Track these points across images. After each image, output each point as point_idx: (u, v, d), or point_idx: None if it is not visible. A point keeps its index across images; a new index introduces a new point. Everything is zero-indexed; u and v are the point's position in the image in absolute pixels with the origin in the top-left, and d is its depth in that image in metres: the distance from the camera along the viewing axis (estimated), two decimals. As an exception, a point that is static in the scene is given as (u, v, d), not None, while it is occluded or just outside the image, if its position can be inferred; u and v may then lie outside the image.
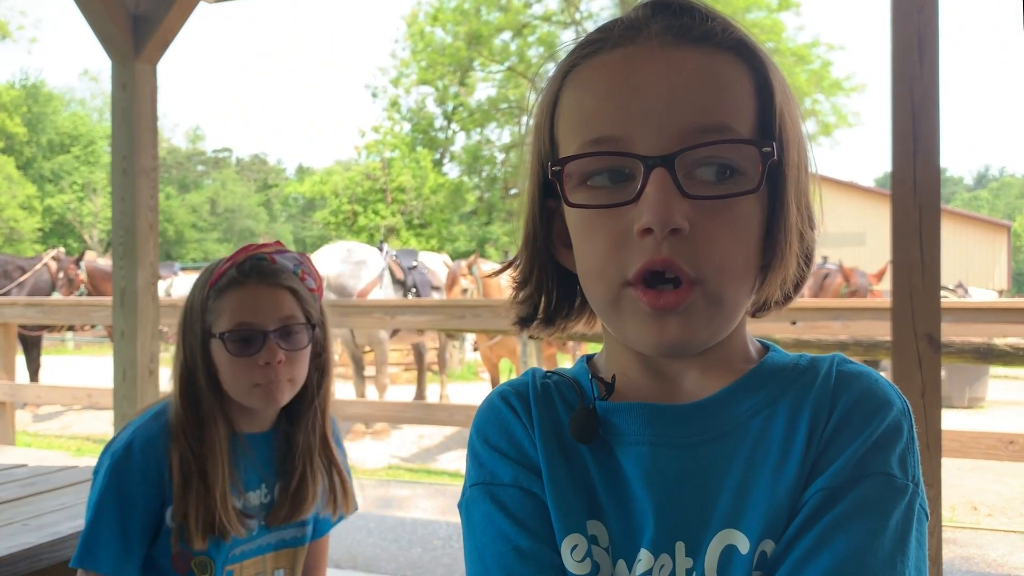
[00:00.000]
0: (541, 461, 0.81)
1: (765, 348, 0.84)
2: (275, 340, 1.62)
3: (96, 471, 1.64)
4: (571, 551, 0.76)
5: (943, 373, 2.77)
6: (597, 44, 0.76)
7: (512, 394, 0.86)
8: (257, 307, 1.62)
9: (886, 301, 4.07)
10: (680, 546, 0.74)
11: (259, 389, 1.62)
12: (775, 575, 0.70)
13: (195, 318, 1.65)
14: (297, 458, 1.73)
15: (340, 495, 1.81)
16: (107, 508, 1.57)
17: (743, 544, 0.72)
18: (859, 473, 0.71)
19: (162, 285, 8.69)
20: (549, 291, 0.85)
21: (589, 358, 0.89)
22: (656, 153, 0.70)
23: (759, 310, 0.83)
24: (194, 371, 1.64)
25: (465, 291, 8.78)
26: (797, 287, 0.80)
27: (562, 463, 0.80)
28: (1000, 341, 4.99)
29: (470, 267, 9.01)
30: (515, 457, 0.82)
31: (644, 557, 0.74)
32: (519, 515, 0.79)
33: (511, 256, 0.87)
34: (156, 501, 1.60)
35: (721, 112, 0.72)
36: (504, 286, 8.86)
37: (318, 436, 1.77)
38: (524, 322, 0.87)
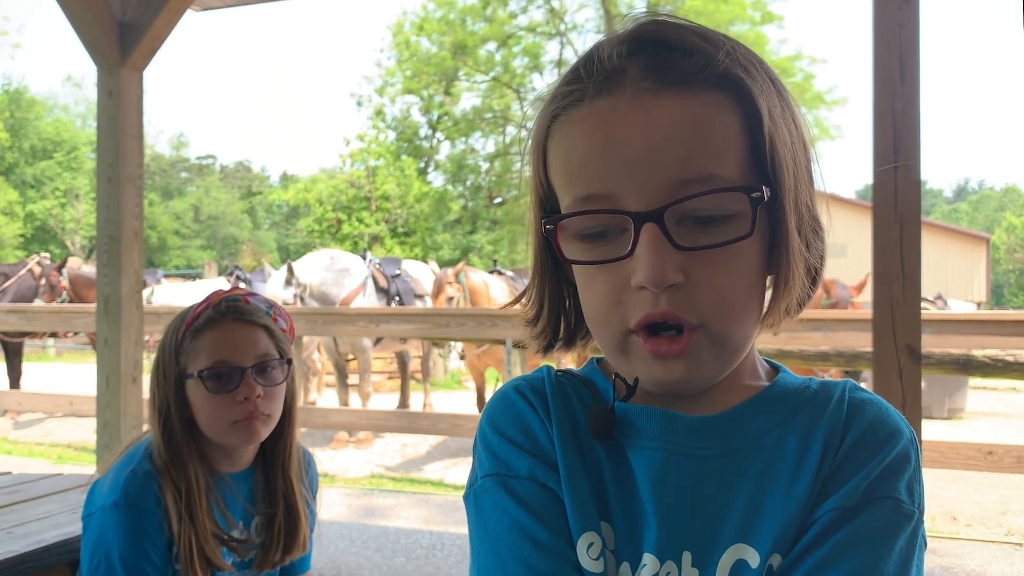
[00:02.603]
0: (559, 456, 0.80)
1: (775, 368, 0.85)
2: (252, 376, 1.65)
3: (88, 524, 1.62)
4: (587, 549, 0.76)
5: (923, 384, 2.81)
6: (576, 94, 0.75)
7: (528, 388, 0.85)
8: (234, 345, 1.66)
9: (867, 312, 4.11)
10: (687, 556, 0.75)
11: (238, 426, 1.65)
12: None
13: (169, 362, 1.68)
14: (279, 499, 1.76)
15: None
16: (130, 568, 1.55)
17: (753, 559, 0.73)
18: (869, 496, 0.73)
19: (143, 293, 8.63)
20: (567, 312, 0.86)
21: (599, 360, 0.89)
22: (644, 208, 0.71)
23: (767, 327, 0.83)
24: (168, 415, 1.66)
25: (451, 299, 8.75)
26: (802, 305, 0.81)
27: (578, 460, 0.80)
28: (979, 352, 5.04)
29: (457, 275, 8.98)
30: (531, 450, 0.81)
31: (649, 561, 0.75)
32: (537, 508, 0.78)
33: (499, 265, 0.87)
34: (163, 539, 1.60)
35: (704, 162, 0.71)
36: (494, 296, 8.85)
37: (292, 474, 1.80)
38: (546, 348, 0.87)
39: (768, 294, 0.78)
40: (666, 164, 0.71)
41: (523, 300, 0.88)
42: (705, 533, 0.75)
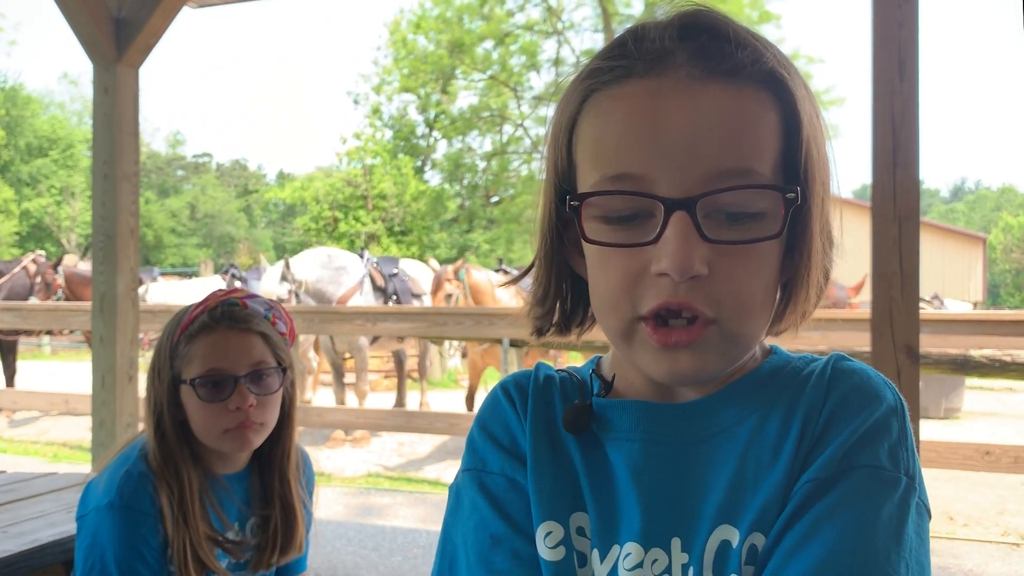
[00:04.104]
0: (528, 450, 0.82)
1: (768, 350, 0.84)
2: (246, 385, 1.63)
3: (82, 524, 1.61)
4: (544, 537, 0.78)
5: (919, 384, 2.80)
6: (619, 71, 0.73)
7: (512, 385, 0.88)
8: (228, 352, 1.63)
9: (865, 312, 4.11)
10: (676, 542, 0.75)
11: (230, 435, 1.63)
12: (765, 569, 0.70)
13: (163, 364, 1.66)
14: (275, 500, 1.75)
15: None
16: (124, 569, 1.54)
17: (734, 538, 0.73)
18: (846, 465, 0.71)
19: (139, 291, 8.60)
20: (564, 298, 0.85)
21: (600, 359, 0.90)
22: (677, 195, 0.70)
23: (778, 333, 0.83)
24: (161, 417, 1.64)
25: (450, 296, 8.71)
26: (808, 314, 0.81)
27: (548, 454, 0.82)
28: (977, 353, 5.04)
29: (456, 272, 8.93)
30: (507, 446, 0.84)
31: (633, 550, 0.75)
32: (501, 503, 0.81)
33: (503, 263, 0.86)
34: (158, 541, 1.58)
35: (744, 155, 0.71)
36: (498, 294, 8.82)
37: (290, 476, 1.78)
38: (541, 331, 0.87)
39: (778, 299, 0.78)
40: (707, 153, 0.70)
41: (528, 277, 0.88)
42: (691, 518, 0.75)
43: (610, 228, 0.73)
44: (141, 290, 10.34)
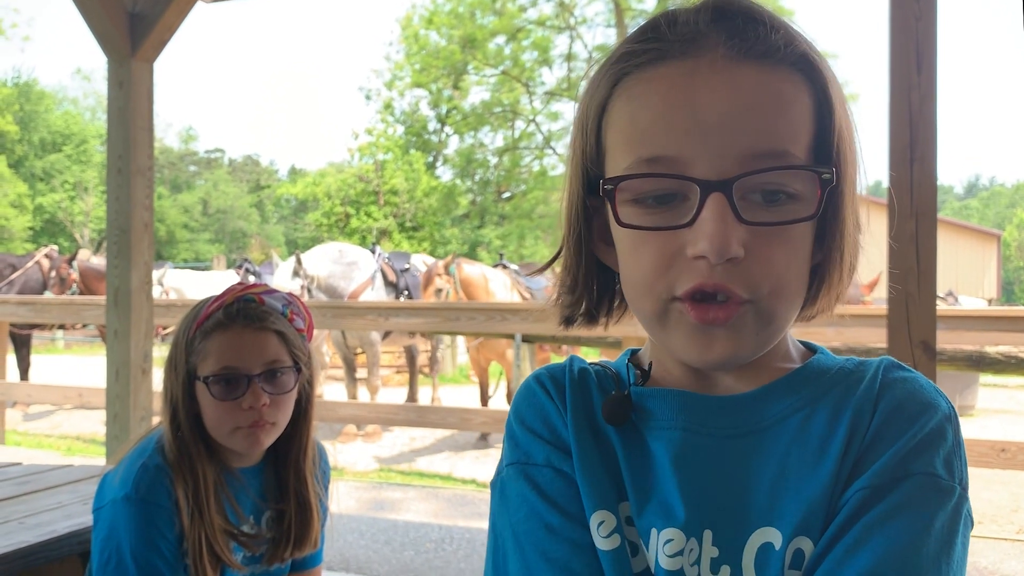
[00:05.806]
0: (572, 441, 0.81)
1: (811, 350, 0.84)
2: (260, 384, 1.63)
3: (99, 516, 1.61)
4: (598, 527, 0.77)
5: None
6: (653, 53, 0.73)
7: (547, 378, 0.87)
8: (242, 351, 1.63)
9: (881, 308, 4.09)
10: (708, 534, 0.74)
11: (241, 432, 1.63)
12: (816, 573, 0.69)
13: (179, 358, 1.66)
14: (290, 494, 1.75)
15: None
16: (140, 562, 1.54)
17: (777, 540, 0.72)
18: (902, 473, 0.70)
19: (155, 275, 8.62)
20: (591, 288, 0.85)
21: (634, 352, 0.90)
22: (713, 177, 0.70)
23: (811, 317, 0.83)
24: (177, 411, 1.64)
25: (440, 291, 8.65)
26: (841, 297, 0.81)
27: (592, 444, 0.81)
28: (992, 349, 5.02)
29: (447, 267, 8.86)
30: (548, 438, 0.83)
31: (675, 536, 0.74)
32: (551, 494, 0.80)
33: (505, 259, 0.85)
34: (173, 534, 1.59)
35: (780, 137, 0.71)
36: (493, 290, 8.80)
37: (306, 471, 1.78)
38: (569, 320, 0.87)
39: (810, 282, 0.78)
40: (743, 134, 0.70)
41: (555, 267, 0.87)
42: (727, 513, 0.74)
43: (644, 212, 0.73)
44: (158, 273, 10.37)
